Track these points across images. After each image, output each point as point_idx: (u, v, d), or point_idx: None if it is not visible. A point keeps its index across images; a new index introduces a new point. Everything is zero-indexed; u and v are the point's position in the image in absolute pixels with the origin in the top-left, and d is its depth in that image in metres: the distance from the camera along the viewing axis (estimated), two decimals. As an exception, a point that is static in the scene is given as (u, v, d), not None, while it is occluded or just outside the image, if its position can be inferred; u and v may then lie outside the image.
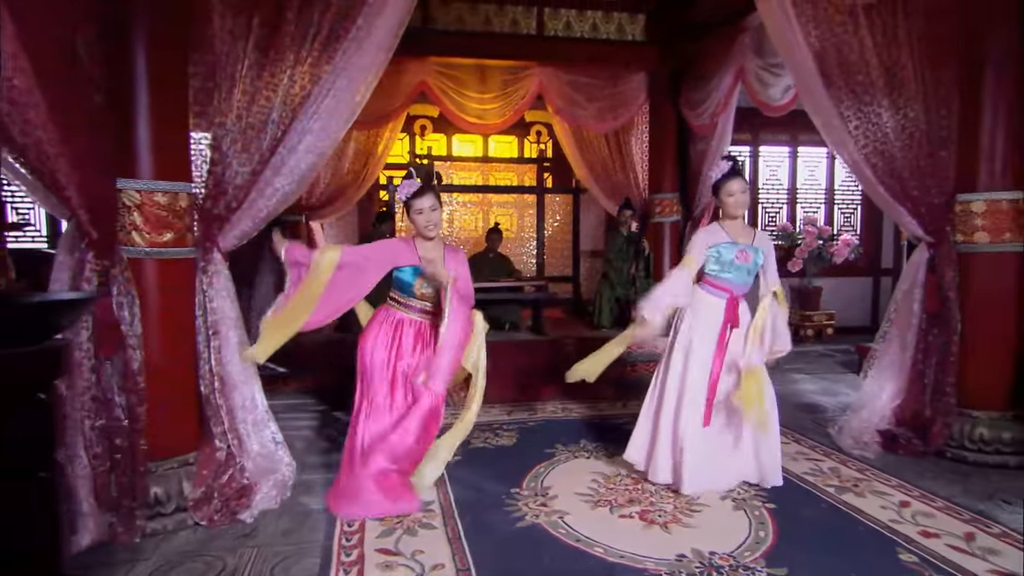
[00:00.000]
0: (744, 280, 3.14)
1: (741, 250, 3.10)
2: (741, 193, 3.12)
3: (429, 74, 6.65)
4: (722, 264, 3.11)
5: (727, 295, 3.10)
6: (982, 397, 3.48)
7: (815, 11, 3.40)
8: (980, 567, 2.37)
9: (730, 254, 3.09)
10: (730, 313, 3.08)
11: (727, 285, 3.11)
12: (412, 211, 2.92)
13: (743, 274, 3.12)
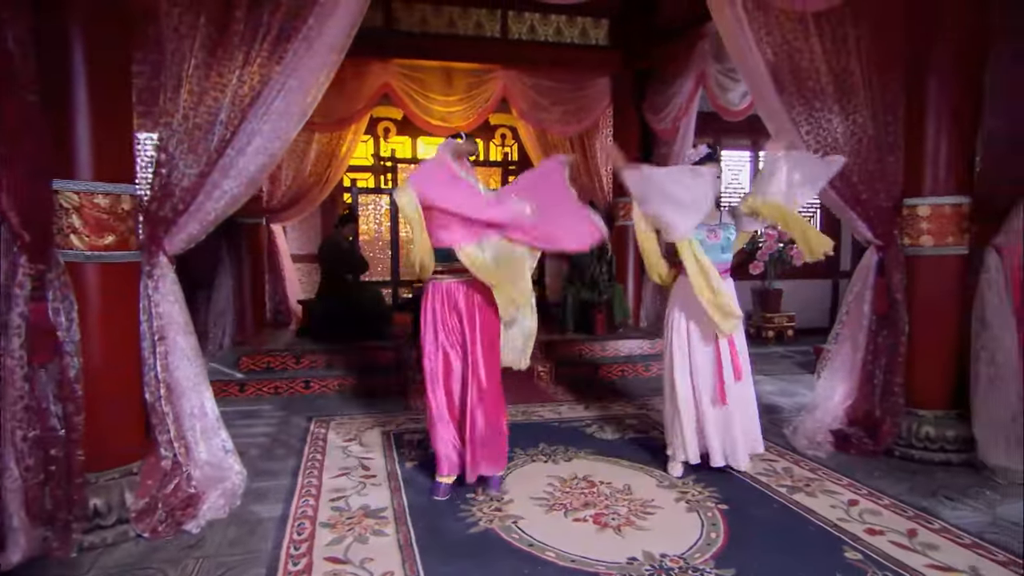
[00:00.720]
0: (720, 258, 3.24)
1: (710, 229, 3.21)
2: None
3: (393, 76, 6.61)
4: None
5: None
6: (928, 397, 3.57)
7: (767, 18, 3.46)
8: (919, 562, 2.42)
9: (700, 234, 3.18)
10: None
11: None
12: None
13: (718, 252, 3.22)
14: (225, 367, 5.43)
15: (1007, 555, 2.47)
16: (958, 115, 3.49)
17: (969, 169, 3.54)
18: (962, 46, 3.44)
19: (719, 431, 3.21)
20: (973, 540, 2.60)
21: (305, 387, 5.15)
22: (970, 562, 2.42)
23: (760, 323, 7.15)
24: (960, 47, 3.44)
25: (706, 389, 3.23)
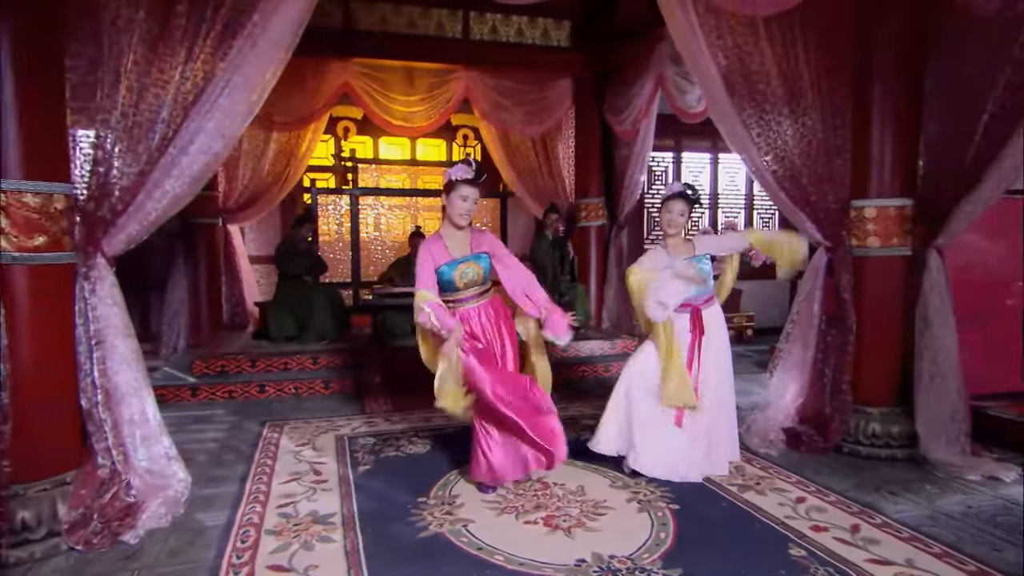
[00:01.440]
0: (700, 291, 3.28)
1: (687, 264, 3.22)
2: (679, 215, 3.28)
3: (352, 75, 6.54)
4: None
5: (690, 309, 3.27)
6: (875, 394, 3.65)
7: (718, 22, 3.50)
8: (860, 557, 2.46)
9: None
10: (695, 324, 3.27)
11: (687, 301, 3.24)
12: (456, 194, 2.97)
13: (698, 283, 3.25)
14: (178, 371, 5.30)
15: (941, 547, 2.53)
16: (901, 120, 3.58)
17: (912, 172, 3.64)
18: (903, 53, 3.53)
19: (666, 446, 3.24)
20: (911, 533, 2.66)
21: (260, 391, 5.04)
22: (907, 555, 2.47)
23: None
24: (901, 54, 3.53)
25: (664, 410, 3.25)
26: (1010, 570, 2.37)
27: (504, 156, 7.13)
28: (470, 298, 3.08)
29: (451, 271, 3.01)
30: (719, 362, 3.31)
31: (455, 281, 3.03)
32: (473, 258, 3.05)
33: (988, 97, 3.26)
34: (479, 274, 3.06)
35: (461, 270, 3.02)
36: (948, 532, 2.68)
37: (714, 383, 3.27)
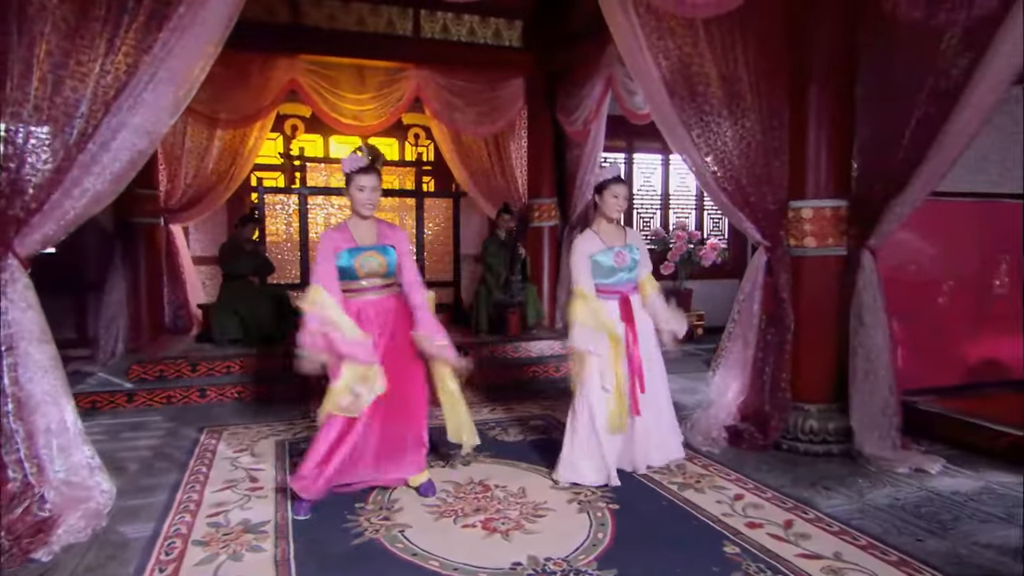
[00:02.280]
0: (629, 278, 3.28)
1: (618, 252, 3.23)
2: (624, 198, 3.25)
3: (300, 72, 6.41)
4: (604, 271, 3.22)
5: (618, 295, 3.24)
6: (812, 391, 3.73)
7: (659, 23, 3.53)
8: (791, 552, 2.50)
9: (608, 260, 3.21)
10: (625, 311, 3.22)
11: (615, 288, 3.24)
12: (353, 186, 2.88)
13: (626, 273, 3.26)
14: (114, 376, 5.10)
15: (868, 539, 2.59)
16: (836, 123, 3.65)
17: (847, 174, 3.73)
18: (837, 59, 3.61)
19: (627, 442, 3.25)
20: (841, 527, 2.71)
21: (200, 396, 4.88)
22: (836, 549, 2.52)
23: (671, 322, 7.32)
24: (835, 60, 3.61)
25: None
26: (928, 558, 2.44)
27: (456, 156, 7.08)
28: (370, 289, 2.96)
29: (352, 257, 2.89)
30: (654, 351, 3.31)
31: (355, 268, 2.90)
32: (378, 248, 2.94)
33: (914, 103, 3.36)
34: (382, 265, 2.94)
35: (363, 258, 2.90)
36: (875, 524, 2.74)
37: (657, 372, 3.28)
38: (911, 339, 4.46)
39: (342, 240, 2.91)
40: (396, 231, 3.09)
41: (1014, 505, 2.94)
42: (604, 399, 3.12)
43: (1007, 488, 3.13)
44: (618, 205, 3.25)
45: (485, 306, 6.34)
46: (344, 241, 2.91)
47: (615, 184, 3.24)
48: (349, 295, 2.94)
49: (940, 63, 3.24)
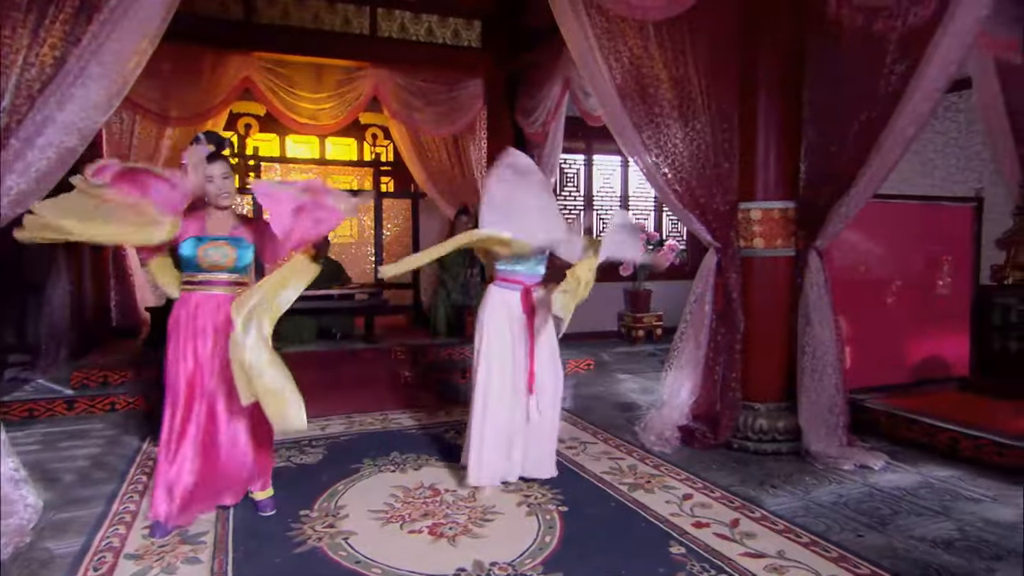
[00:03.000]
0: (534, 271, 3.18)
1: None
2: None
3: (255, 70, 6.29)
4: (516, 255, 3.11)
5: (520, 287, 3.14)
6: (762, 390, 3.77)
7: (609, 25, 3.54)
8: (735, 551, 2.52)
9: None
10: (526, 304, 3.13)
11: (519, 278, 3.14)
12: (203, 178, 2.71)
13: (532, 264, 3.16)
14: (55, 383, 4.90)
15: (811, 536, 2.63)
16: (784, 126, 3.71)
17: (795, 176, 3.78)
18: (785, 62, 3.67)
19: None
20: (786, 525, 2.74)
21: (147, 402, 4.72)
22: (779, 547, 2.55)
23: (630, 323, 7.38)
24: (784, 63, 3.67)
25: (516, 402, 3.11)
26: (866, 553, 2.48)
27: (415, 156, 7.02)
28: (210, 283, 2.76)
29: (196, 246, 2.71)
30: (551, 355, 3.21)
31: (197, 258, 2.72)
32: (228, 240, 2.75)
33: (857, 107, 3.42)
34: (229, 258, 2.75)
35: (207, 248, 2.72)
36: (819, 522, 2.78)
37: (550, 377, 3.19)
38: (861, 338, 4.55)
39: (192, 224, 2.72)
40: (253, 223, 2.89)
41: (949, 498, 3.02)
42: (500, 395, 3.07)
43: (943, 482, 3.22)
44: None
45: (443, 308, 6.30)
46: (190, 226, 2.72)
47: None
48: (187, 287, 2.78)
49: (880, 69, 3.31)
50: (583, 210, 7.77)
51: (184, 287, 2.80)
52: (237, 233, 2.80)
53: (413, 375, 5.42)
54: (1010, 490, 3.10)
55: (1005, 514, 2.84)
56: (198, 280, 2.78)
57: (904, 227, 4.83)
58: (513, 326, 3.11)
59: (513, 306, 3.12)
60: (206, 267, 2.76)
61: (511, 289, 3.14)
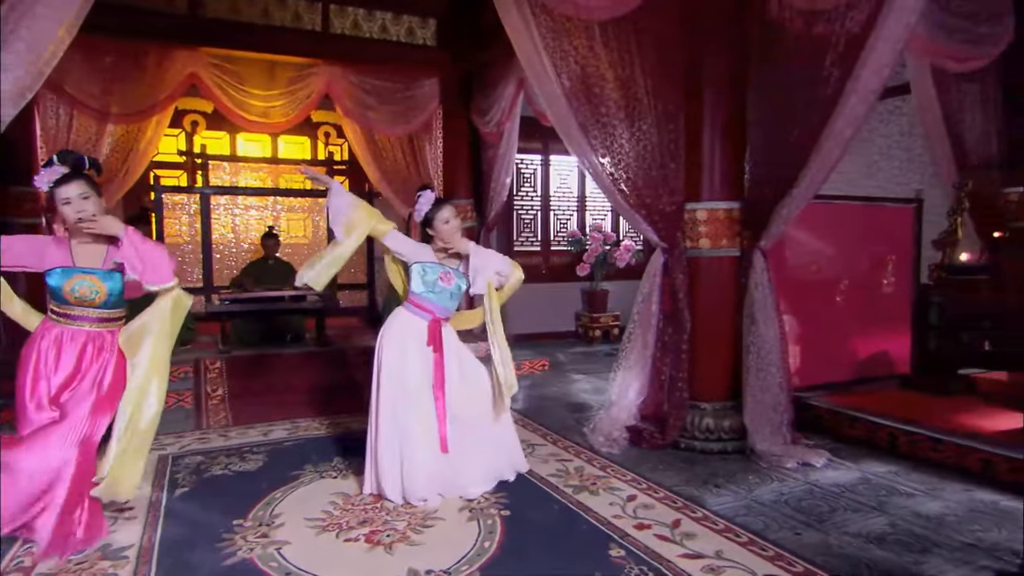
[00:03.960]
0: (446, 304, 3.14)
1: (445, 272, 3.13)
2: (445, 224, 3.08)
3: (201, 66, 6.10)
4: (427, 283, 3.10)
5: (430, 316, 3.09)
6: (708, 389, 3.80)
7: (554, 23, 3.52)
8: (674, 552, 2.51)
9: (435, 274, 3.10)
10: (433, 335, 3.05)
11: (430, 307, 3.10)
12: (59, 202, 2.49)
13: (445, 298, 3.12)
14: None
15: (749, 535, 2.64)
16: (729, 127, 3.74)
17: (739, 177, 3.81)
18: (730, 65, 3.70)
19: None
20: (727, 524, 2.75)
21: None
22: (718, 547, 2.55)
23: (587, 323, 7.40)
24: (729, 65, 3.69)
25: (423, 429, 3.02)
26: (801, 551, 2.50)
27: (369, 155, 6.90)
28: (80, 319, 2.57)
29: (63, 278, 2.50)
30: (475, 375, 3.18)
31: (63, 291, 2.52)
32: (98, 273, 2.54)
33: (799, 109, 3.47)
34: (99, 294, 2.56)
35: (72, 283, 2.51)
36: (758, 520, 2.80)
37: (477, 396, 3.14)
38: (809, 337, 4.62)
39: (53, 255, 2.51)
40: (134, 236, 2.56)
41: (885, 494, 3.08)
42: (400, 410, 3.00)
43: (881, 477, 3.28)
44: (450, 229, 3.07)
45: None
46: (55, 256, 2.51)
47: (439, 210, 3.08)
48: (53, 317, 2.57)
49: (820, 72, 3.35)
50: (540, 210, 7.76)
51: (50, 315, 2.58)
52: (110, 265, 2.57)
53: (365, 377, 5.32)
54: (942, 484, 3.18)
55: (935, 508, 2.91)
56: (63, 313, 2.57)
57: (851, 227, 4.93)
58: (415, 352, 3.03)
59: (419, 333, 3.04)
60: (73, 301, 2.55)
61: (419, 315, 3.09)
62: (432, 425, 3.01)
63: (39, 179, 2.48)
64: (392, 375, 3.01)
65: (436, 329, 3.07)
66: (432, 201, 3.11)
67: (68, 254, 2.54)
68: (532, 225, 7.70)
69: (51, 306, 2.59)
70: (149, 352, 2.63)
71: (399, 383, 2.99)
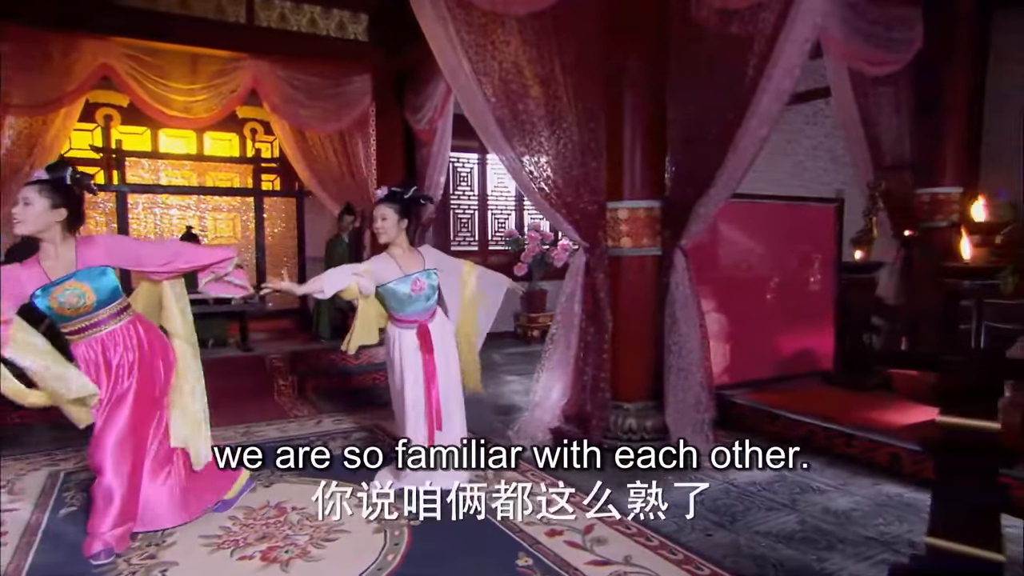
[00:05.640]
0: (426, 305, 3.16)
1: (415, 280, 3.09)
2: (382, 219, 3.06)
3: (114, 57, 5.78)
4: (400, 301, 3.09)
5: (416, 325, 3.11)
6: (631, 389, 3.77)
7: (468, 16, 3.43)
8: (583, 559, 2.46)
9: (406, 288, 3.07)
10: (424, 342, 3.10)
11: (413, 317, 3.12)
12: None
13: (423, 301, 3.13)
14: None
15: (661, 539, 2.61)
16: (650, 125, 3.72)
17: (660, 176, 3.80)
18: (651, 62, 3.67)
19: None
20: (639, 528, 2.72)
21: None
22: (628, 552, 2.51)
23: (526, 323, 7.35)
24: (649, 63, 3.67)
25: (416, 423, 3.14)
26: (710, 553, 2.49)
27: (299, 153, 6.69)
28: (88, 329, 2.52)
29: (45, 298, 2.42)
30: (453, 385, 3.21)
31: (53, 310, 2.45)
32: (75, 276, 2.44)
33: (716, 106, 3.47)
34: (87, 297, 2.46)
35: (55, 296, 2.42)
36: (672, 522, 2.77)
37: (448, 407, 3.15)
38: (737, 335, 4.67)
39: (28, 279, 2.40)
40: (96, 241, 2.56)
41: (799, 491, 3.11)
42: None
43: (796, 474, 3.30)
44: (383, 227, 3.06)
45: (327, 311, 6.02)
46: (31, 279, 2.41)
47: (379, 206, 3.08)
48: (71, 338, 2.55)
49: (735, 71, 3.37)
50: (477, 210, 7.67)
51: (69, 338, 2.56)
52: (83, 264, 2.47)
53: (289, 383, 5.13)
54: (853, 479, 3.23)
55: (844, 503, 2.94)
56: (74, 329, 2.53)
57: (777, 227, 5.01)
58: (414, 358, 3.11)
59: (412, 342, 3.10)
60: (70, 314, 2.47)
61: (407, 328, 3.12)
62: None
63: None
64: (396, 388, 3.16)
65: (425, 334, 3.10)
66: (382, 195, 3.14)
67: (42, 272, 2.43)
68: (469, 225, 7.61)
69: (62, 328, 2.53)
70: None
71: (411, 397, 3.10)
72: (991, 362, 1.90)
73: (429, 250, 3.31)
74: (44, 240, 2.44)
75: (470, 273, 3.40)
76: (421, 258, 3.16)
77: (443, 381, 3.14)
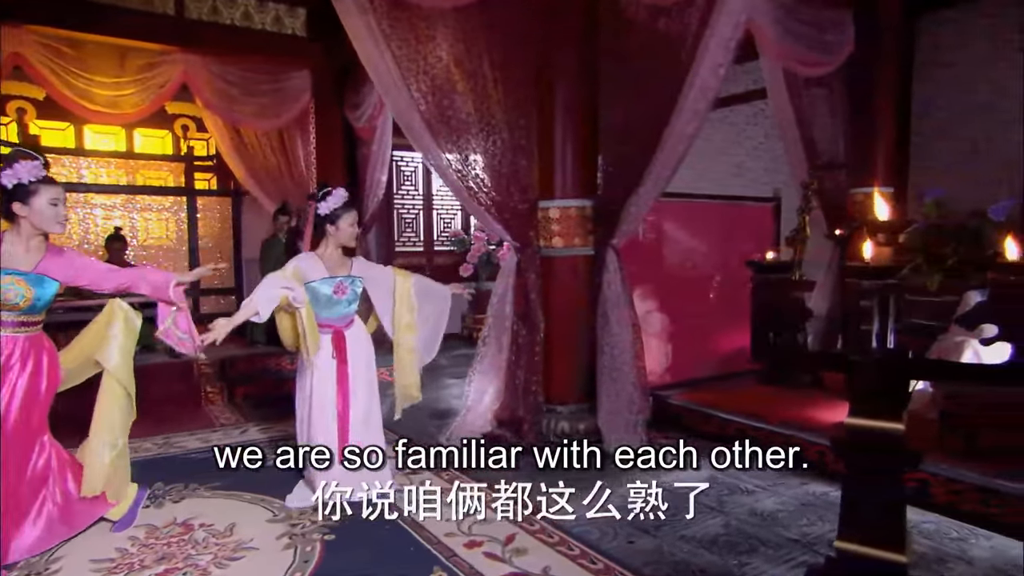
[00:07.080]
0: (346, 311, 3.11)
1: (339, 283, 3.04)
2: (350, 227, 3.06)
3: (28, 46, 5.43)
4: (320, 303, 3.01)
5: (331, 331, 3.07)
6: (563, 392, 3.71)
7: (392, 9, 3.31)
8: (500, 571, 2.37)
9: (328, 289, 3.01)
10: (337, 347, 3.05)
11: (330, 322, 3.07)
12: (43, 199, 2.40)
13: (343, 306, 3.08)
14: None
15: (582, 547, 2.55)
16: (581, 123, 3.67)
17: (593, 174, 3.75)
18: (580, 59, 3.62)
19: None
20: (562, 536, 2.65)
21: None
22: (547, 562, 2.43)
23: (472, 324, 7.24)
24: (579, 60, 3.62)
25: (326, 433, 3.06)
26: (631, 561, 2.44)
27: (234, 151, 6.44)
28: (6, 324, 2.46)
29: None
30: (368, 393, 3.13)
31: None
32: (26, 276, 2.43)
33: (644, 104, 3.44)
34: (25, 297, 2.43)
35: (3, 285, 2.39)
36: (596, 529, 2.71)
37: (362, 416, 3.07)
38: (676, 334, 4.66)
39: None
40: (64, 254, 2.57)
41: (727, 492, 3.08)
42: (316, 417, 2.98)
43: (727, 476, 3.28)
44: (353, 234, 3.10)
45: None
46: None
47: (348, 212, 3.05)
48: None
49: (663, 68, 3.34)
50: (422, 210, 7.54)
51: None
52: (41, 271, 2.46)
53: (218, 390, 4.92)
54: (782, 479, 3.22)
55: (770, 504, 2.93)
56: None
57: (717, 226, 5.03)
58: (326, 365, 3.06)
59: (325, 348, 3.04)
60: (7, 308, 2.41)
61: (322, 332, 3.05)
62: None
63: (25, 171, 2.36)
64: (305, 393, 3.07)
65: (340, 339, 3.05)
66: (345, 200, 3.06)
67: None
68: (414, 225, 7.47)
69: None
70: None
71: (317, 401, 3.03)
72: (896, 363, 1.88)
73: (359, 260, 3.24)
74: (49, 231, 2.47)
75: (404, 281, 3.26)
76: (349, 264, 3.12)
77: (362, 391, 3.06)
